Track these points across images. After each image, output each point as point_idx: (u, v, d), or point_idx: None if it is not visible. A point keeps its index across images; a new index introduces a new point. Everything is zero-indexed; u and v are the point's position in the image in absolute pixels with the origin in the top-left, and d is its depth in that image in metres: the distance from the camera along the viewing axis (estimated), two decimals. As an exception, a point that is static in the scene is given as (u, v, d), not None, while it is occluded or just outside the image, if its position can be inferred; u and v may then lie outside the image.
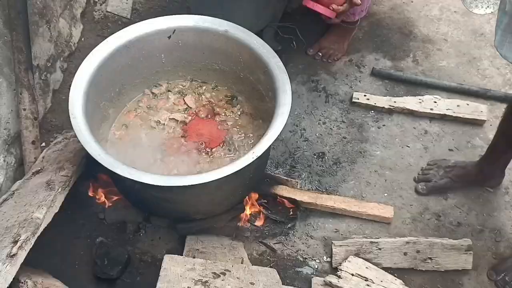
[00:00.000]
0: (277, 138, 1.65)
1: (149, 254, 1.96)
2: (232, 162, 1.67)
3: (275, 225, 2.08)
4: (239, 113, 2.04)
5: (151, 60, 2.00)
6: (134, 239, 2.00)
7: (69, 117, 1.66)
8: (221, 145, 1.92)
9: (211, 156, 1.90)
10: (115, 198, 2.00)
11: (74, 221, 2.02)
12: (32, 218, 1.48)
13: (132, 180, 1.50)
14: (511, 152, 2.01)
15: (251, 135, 1.95)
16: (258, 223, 2.07)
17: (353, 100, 2.47)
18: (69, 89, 1.74)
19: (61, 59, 2.46)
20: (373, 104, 2.45)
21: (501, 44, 1.47)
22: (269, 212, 2.08)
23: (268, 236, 2.06)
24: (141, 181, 1.50)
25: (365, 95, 2.48)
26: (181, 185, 1.51)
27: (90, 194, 1.97)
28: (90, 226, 2.02)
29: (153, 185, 1.50)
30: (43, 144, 2.22)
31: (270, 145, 1.63)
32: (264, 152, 1.60)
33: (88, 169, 1.97)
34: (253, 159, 1.57)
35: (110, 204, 2.01)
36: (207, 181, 1.51)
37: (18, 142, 2.03)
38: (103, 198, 1.97)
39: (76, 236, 1.99)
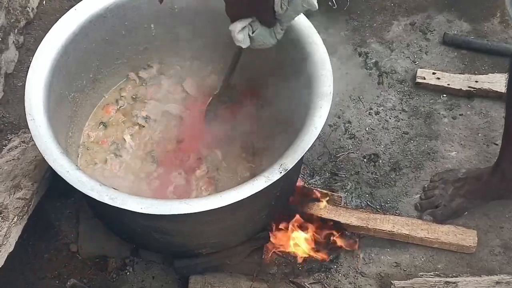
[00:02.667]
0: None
1: (139, 301, 1.93)
2: (252, 174, 1.62)
3: (311, 257, 2.02)
4: (259, 104, 1.99)
5: (136, 34, 1.96)
6: (118, 280, 1.96)
7: None
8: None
9: (222, 165, 1.86)
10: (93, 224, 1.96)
11: (37, 255, 2.00)
12: (-23, 262, 1.44)
13: (114, 207, 1.44)
14: None
15: (277, 135, 1.88)
16: (288, 255, 2.02)
17: (417, 80, 2.40)
18: (27, 72, 1.70)
19: (15, 31, 2.42)
20: (446, 85, 2.38)
21: None
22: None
23: (302, 272, 2.01)
24: (126, 208, 1.44)
25: (434, 73, 2.41)
26: (180, 213, 1.45)
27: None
28: (59, 262, 1.99)
29: (142, 213, 1.44)
30: (-7, 149, 2.19)
31: (304, 154, 1.56)
32: (296, 163, 1.53)
33: (54, 185, 1.93)
34: (282, 174, 1.50)
35: (86, 233, 1.98)
36: (216, 207, 1.45)
37: (-42, 148, 2.01)
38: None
39: (41, 276, 1.96)
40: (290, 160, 1.53)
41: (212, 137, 1.90)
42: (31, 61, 1.72)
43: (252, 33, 1.51)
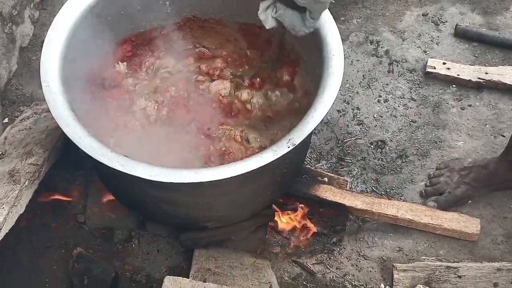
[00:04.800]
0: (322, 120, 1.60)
1: (144, 273, 1.96)
2: (261, 149, 1.64)
3: (314, 239, 2.06)
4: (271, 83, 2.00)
5: (151, 10, 1.98)
6: (124, 252, 1.99)
7: (40, 84, 1.64)
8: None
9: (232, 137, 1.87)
10: (101, 196, 2.00)
11: (44, 225, 2.03)
12: (-11, 220, 1.48)
13: (124, 173, 1.47)
14: None
15: (286, 114, 1.91)
16: (292, 235, 2.04)
17: (428, 69, 2.42)
18: (42, 46, 1.72)
19: (31, 5, 2.46)
20: (456, 76, 2.40)
21: None
22: (307, 221, 2.05)
23: (305, 253, 2.04)
24: (135, 175, 1.47)
25: (444, 63, 2.43)
26: (188, 181, 1.48)
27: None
28: (66, 232, 2.03)
29: (151, 180, 1.47)
30: (6, 120, 2.23)
31: (313, 130, 1.59)
32: (304, 139, 1.55)
33: (65, 156, 1.96)
34: (289, 149, 1.52)
35: (93, 204, 2.01)
36: (226, 177, 1.48)
37: (-28, 116, 2.05)
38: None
39: (47, 244, 2.00)
40: (298, 135, 1.55)
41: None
42: (45, 35, 1.75)
43: (275, 13, 1.53)
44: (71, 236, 2.02)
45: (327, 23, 1.79)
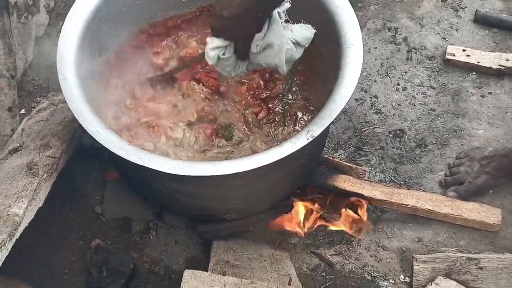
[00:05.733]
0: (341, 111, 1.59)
1: (162, 264, 1.96)
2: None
3: (333, 229, 2.04)
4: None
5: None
6: (141, 243, 1.99)
7: (56, 74, 1.64)
8: (264, 112, 1.89)
9: (252, 127, 1.88)
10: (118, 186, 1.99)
11: (62, 215, 2.03)
12: (8, 214, 1.47)
13: (142, 166, 1.47)
14: None
15: (305, 104, 1.89)
16: (310, 225, 2.03)
17: (447, 56, 2.38)
18: (57, 36, 1.72)
19: (47, -6, 2.45)
20: (476, 63, 2.36)
21: None
22: (325, 211, 2.03)
23: (323, 244, 2.02)
24: (153, 168, 1.47)
25: (464, 50, 2.39)
26: (206, 174, 1.47)
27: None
28: (84, 223, 2.03)
29: (169, 173, 1.46)
30: (23, 111, 2.23)
31: (332, 122, 1.57)
32: (323, 131, 1.54)
33: (83, 147, 1.96)
34: (308, 141, 1.51)
35: (111, 195, 2.01)
36: (245, 170, 1.47)
37: (-11, 108, 2.05)
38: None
39: (65, 236, 2.00)
40: (317, 127, 1.54)
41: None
42: (62, 24, 1.74)
43: (223, 55, 1.53)
44: (89, 227, 2.02)
45: (345, 10, 1.77)
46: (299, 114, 1.91)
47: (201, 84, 1.95)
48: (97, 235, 1.99)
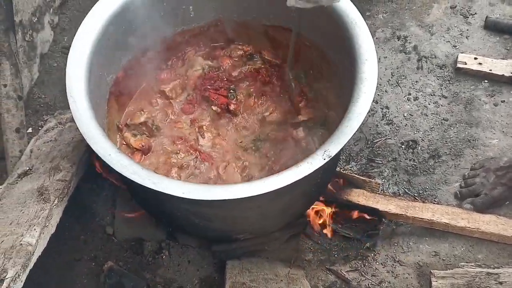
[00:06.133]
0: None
1: (175, 285, 1.93)
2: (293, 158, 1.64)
3: (347, 244, 2.03)
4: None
5: (175, 15, 1.94)
6: (154, 263, 1.96)
7: (63, 91, 1.62)
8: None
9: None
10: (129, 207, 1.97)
11: (73, 236, 2.01)
12: (21, 244, 1.44)
13: (155, 191, 1.44)
14: None
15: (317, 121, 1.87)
16: (324, 240, 2.01)
17: (458, 65, 2.36)
18: (62, 52, 1.68)
19: (51, 10, 2.42)
20: (488, 71, 2.33)
21: None
22: (339, 226, 2.01)
23: (338, 260, 2.00)
24: (168, 193, 1.43)
25: (475, 58, 2.36)
26: (222, 199, 1.44)
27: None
28: (95, 244, 2.00)
29: (183, 197, 1.43)
30: (30, 130, 2.20)
31: (349, 140, 1.54)
32: (340, 150, 1.51)
33: (92, 167, 1.93)
34: (325, 161, 1.48)
35: (122, 215, 1.98)
36: (260, 193, 1.44)
37: (-3, 129, 2.02)
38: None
39: (76, 257, 1.98)
40: (334, 146, 1.51)
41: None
42: (65, 40, 1.73)
43: None
44: (100, 248, 1.99)
45: (358, 24, 1.74)
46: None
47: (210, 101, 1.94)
48: (109, 257, 1.97)
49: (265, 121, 1.94)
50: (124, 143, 1.87)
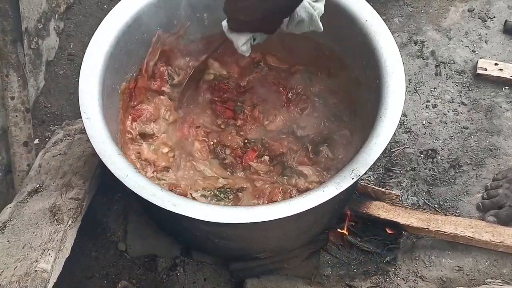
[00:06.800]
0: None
1: (191, 303, 1.87)
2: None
3: (366, 258, 1.97)
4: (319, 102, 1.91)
5: (190, 22, 1.87)
6: (168, 281, 1.91)
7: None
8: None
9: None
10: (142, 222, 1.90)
11: (84, 253, 1.95)
12: (36, 271, 1.37)
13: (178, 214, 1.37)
14: None
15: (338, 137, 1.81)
16: (343, 254, 1.96)
17: (478, 71, 2.29)
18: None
19: (56, 16, 2.35)
20: (509, 77, 2.27)
21: None
22: (359, 239, 1.97)
23: (357, 275, 1.94)
24: (189, 216, 1.37)
25: (496, 64, 2.30)
26: (246, 222, 1.38)
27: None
28: (107, 261, 1.95)
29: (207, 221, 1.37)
30: (36, 141, 2.14)
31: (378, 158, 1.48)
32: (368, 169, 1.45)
33: (104, 182, 1.87)
34: (354, 181, 1.42)
35: (134, 231, 1.92)
36: (283, 216, 1.38)
37: (4, 142, 1.95)
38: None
39: (88, 275, 1.92)
40: (362, 165, 1.45)
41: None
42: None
43: (254, 41, 1.50)
44: (113, 265, 1.94)
45: (382, 35, 1.68)
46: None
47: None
48: (121, 274, 1.91)
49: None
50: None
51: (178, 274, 1.91)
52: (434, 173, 2.13)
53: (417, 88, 2.30)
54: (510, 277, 1.90)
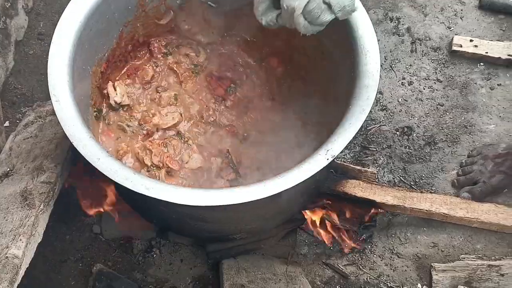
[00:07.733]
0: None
1: (168, 285, 1.87)
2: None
3: (344, 237, 1.97)
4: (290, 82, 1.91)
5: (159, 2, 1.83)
6: (145, 263, 1.90)
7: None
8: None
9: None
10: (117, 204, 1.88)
11: (58, 236, 1.92)
12: (7, 257, 1.35)
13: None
14: None
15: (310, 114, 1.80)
16: (319, 234, 1.96)
17: (454, 48, 2.30)
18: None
19: (24, -6, 2.29)
20: (484, 54, 2.28)
21: None
22: (337, 219, 1.96)
23: (334, 253, 1.96)
24: (162, 199, 1.36)
25: (471, 40, 2.30)
26: (219, 204, 1.36)
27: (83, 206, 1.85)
28: (82, 244, 1.93)
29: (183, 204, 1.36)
30: (7, 123, 2.10)
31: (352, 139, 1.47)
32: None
33: (76, 165, 1.84)
34: (329, 161, 1.41)
35: (109, 213, 1.89)
36: (258, 198, 1.37)
37: (-27, 125, 1.91)
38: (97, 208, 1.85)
39: (62, 258, 1.90)
40: (336, 145, 1.44)
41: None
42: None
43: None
44: (88, 248, 1.92)
45: (357, 11, 1.65)
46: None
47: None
48: (97, 257, 1.90)
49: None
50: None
51: (154, 255, 1.91)
52: (410, 151, 2.14)
53: (393, 65, 2.29)
54: (484, 252, 1.93)
